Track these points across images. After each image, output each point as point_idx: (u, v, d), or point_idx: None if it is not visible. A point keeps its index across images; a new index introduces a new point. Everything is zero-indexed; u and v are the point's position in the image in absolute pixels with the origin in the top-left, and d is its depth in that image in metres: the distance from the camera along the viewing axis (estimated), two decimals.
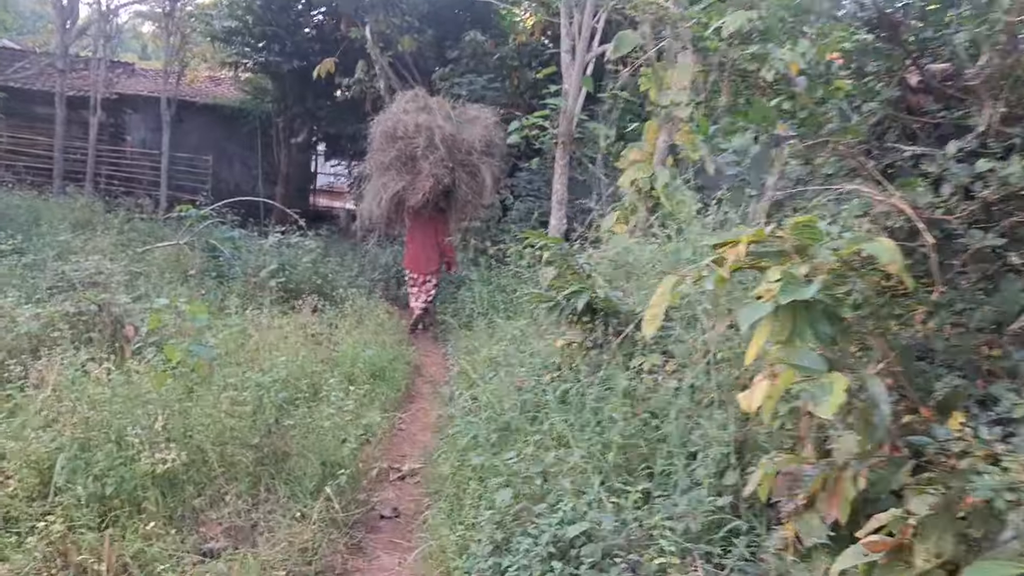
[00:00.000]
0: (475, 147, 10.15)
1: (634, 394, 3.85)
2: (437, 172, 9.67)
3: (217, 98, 20.87)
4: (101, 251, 9.71)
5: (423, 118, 9.90)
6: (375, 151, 10.17)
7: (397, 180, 9.78)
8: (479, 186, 10.29)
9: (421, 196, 9.69)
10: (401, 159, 9.80)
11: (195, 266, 10.18)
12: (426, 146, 9.68)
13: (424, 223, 10.23)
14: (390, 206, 9.87)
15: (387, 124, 10.04)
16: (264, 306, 8.73)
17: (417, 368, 7.92)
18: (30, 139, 20.51)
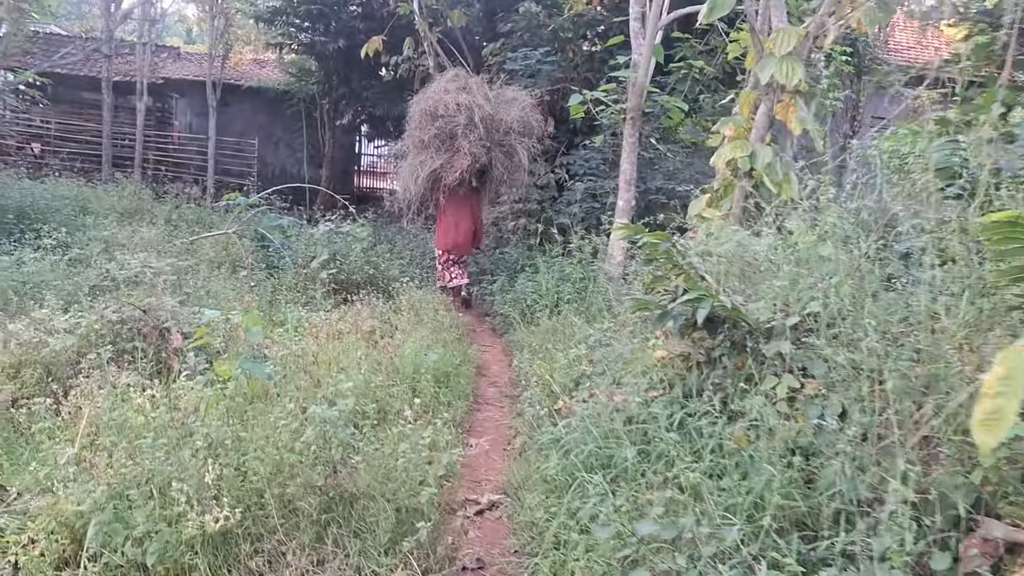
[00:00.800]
0: (512, 128, 10.15)
1: (778, 430, 3.17)
2: (475, 151, 9.73)
3: (262, 81, 20.47)
4: (148, 243, 9.34)
5: (463, 97, 9.92)
6: (413, 129, 10.21)
7: (435, 158, 9.85)
8: (514, 166, 10.32)
9: (458, 174, 9.73)
10: (440, 137, 9.85)
11: (245, 257, 9.76)
12: (466, 125, 9.73)
13: (458, 202, 10.23)
14: (426, 184, 9.95)
15: (427, 103, 10.08)
16: (316, 300, 8.27)
17: (479, 368, 7.33)
18: (79, 125, 20.40)
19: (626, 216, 8.96)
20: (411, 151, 10.20)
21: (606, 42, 12.52)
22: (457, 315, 8.76)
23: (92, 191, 14.08)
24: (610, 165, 11.53)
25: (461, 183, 9.93)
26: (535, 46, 11.97)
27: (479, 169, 10.02)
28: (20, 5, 19.03)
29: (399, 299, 8.37)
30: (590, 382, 4.92)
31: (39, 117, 20.26)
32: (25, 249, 7.85)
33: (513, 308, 8.86)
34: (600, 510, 2.97)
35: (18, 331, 4.42)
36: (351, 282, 8.93)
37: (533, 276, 9.29)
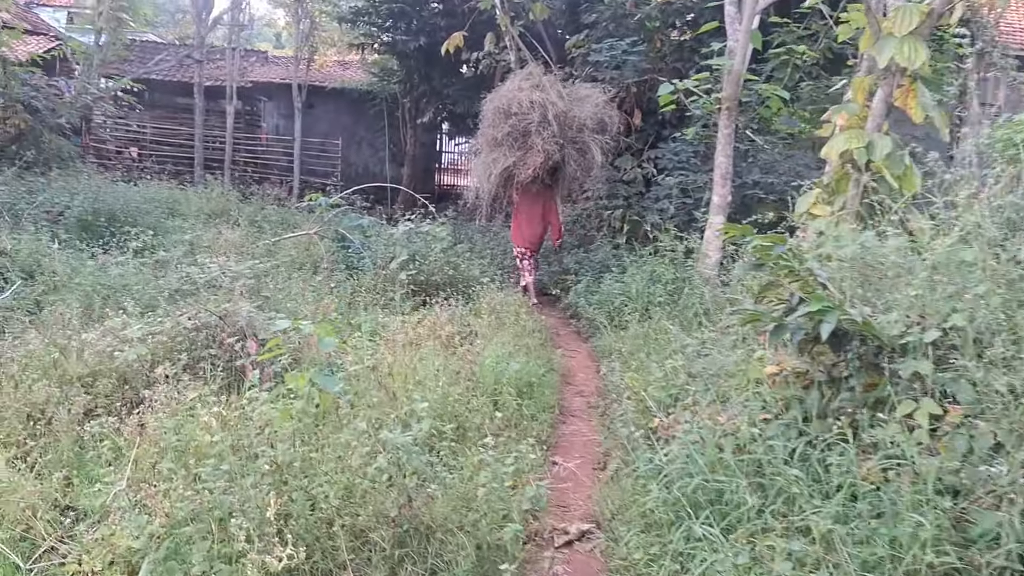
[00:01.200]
0: (586, 124, 10.18)
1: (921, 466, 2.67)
2: (548, 148, 9.73)
3: (345, 82, 20.64)
4: (232, 245, 9.36)
5: (537, 95, 9.96)
6: (487, 127, 10.26)
7: (508, 155, 9.87)
8: (588, 163, 10.31)
9: (531, 171, 9.75)
10: (513, 135, 9.88)
11: (325, 258, 9.68)
12: (539, 122, 9.75)
13: (531, 198, 10.29)
14: (499, 181, 10.04)
15: (500, 101, 10.13)
16: (395, 302, 8.06)
17: (565, 376, 6.94)
18: (172, 129, 21.06)
19: (721, 213, 8.39)
20: (484, 149, 10.27)
21: (697, 30, 11.92)
22: (540, 318, 8.40)
23: (182, 193, 14.39)
24: (701, 158, 10.95)
25: (534, 180, 9.96)
26: (621, 36, 11.48)
27: (552, 166, 10.02)
28: (118, 15, 19.78)
29: (479, 301, 8.08)
30: (690, 398, 4.46)
31: (136, 122, 21.02)
32: (113, 252, 7.94)
33: (599, 311, 8.44)
34: (716, 568, 2.54)
35: (92, 340, 4.31)
36: (430, 283, 8.69)
37: (620, 277, 8.84)
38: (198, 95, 19.75)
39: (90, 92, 16.57)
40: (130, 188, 13.02)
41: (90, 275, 6.65)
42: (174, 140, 20.94)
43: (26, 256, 7.55)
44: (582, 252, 10.58)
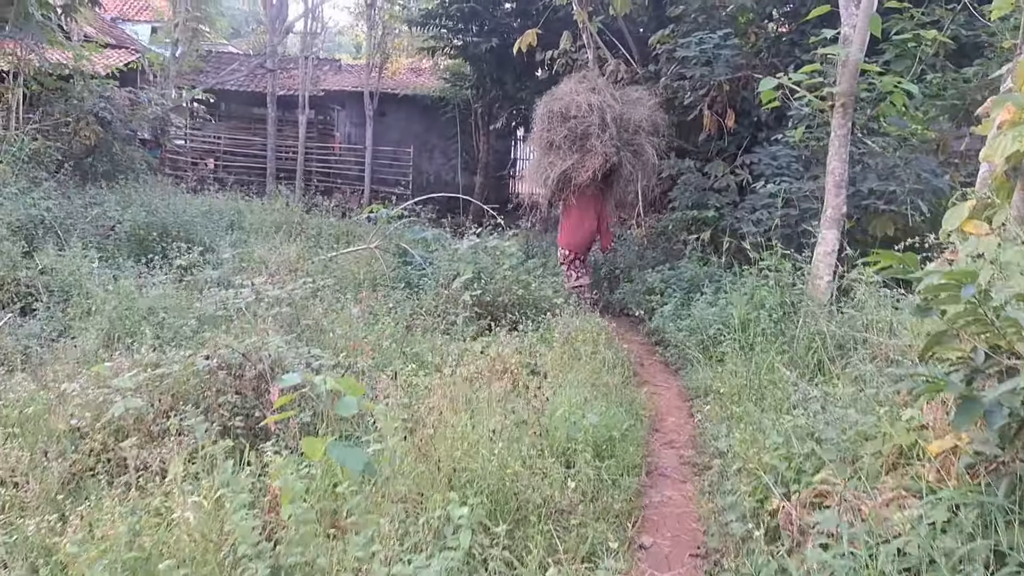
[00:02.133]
0: (641, 127, 10.13)
1: None
2: (607, 150, 9.72)
3: (417, 88, 20.10)
4: (286, 261, 8.71)
5: (595, 98, 9.91)
6: (542, 131, 10.11)
7: (565, 158, 9.81)
8: (643, 165, 10.27)
9: (589, 173, 9.67)
10: (571, 138, 9.82)
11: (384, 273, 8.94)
12: (599, 125, 9.74)
13: (584, 201, 10.08)
14: (556, 184, 9.92)
15: (556, 104, 10.05)
16: (457, 326, 7.22)
17: (651, 419, 5.91)
18: (247, 139, 20.96)
19: (835, 227, 7.21)
20: (538, 152, 10.26)
21: (797, 21, 10.69)
22: (622, 346, 7.39)
23: (246, 205, 14.01)
24: (804, 163, 9.73)
25: (591, 183, 9.86)
26: (711, 30, 10.36)
27: (608, 169, 9.96)
28: (195, 27, 19.79)
29: (551, 326, 7.15)
30: (821, 474, 3.40)
31: (212, 133, 21.03)
32: (156, 271, 7.37)
33: (690, 339, 7.38)
34: None
35: (77, 390, 3.58)
36: (497, 305, 7.81)
37: (714, 299, 7.74)
38: (271, 105, 19.56)
39: (161, 103, 16.43)
40: (192, 200, 12.66)
41: (125, 298, 6.05)
42: (248, 150, 20.83)
43: (67, 275, 7.06)
44: (668, 269, 9.50)
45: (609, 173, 10.10)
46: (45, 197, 8.87)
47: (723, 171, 10.63)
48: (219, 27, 21.95)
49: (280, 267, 8.42)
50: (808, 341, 6.09)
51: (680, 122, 11.20)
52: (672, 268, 9.65)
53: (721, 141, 10.80)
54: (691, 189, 10.43)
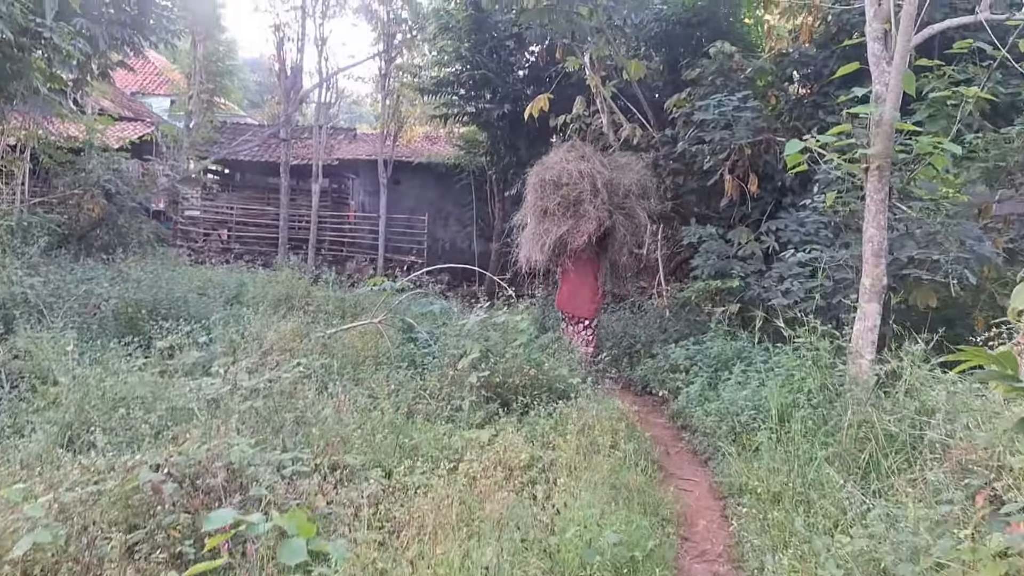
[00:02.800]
0: (631, 191, 10.40)
1: None
2: (600, 215, 10.01)
3: (432, 156, 19.89)
4: (282, 340, 8.16)
5: (584, 165, 10.22)
6: (535, 199, 10.40)
7: (560, 224, 10.07)
8: (636, 227, 10.55)
9: (584, 238, 9.95)
10: (564, 205, 10.09)
11: (389, 351, 8.36)
12: (591, 191, 10.02)
13: (581, 265, 10.40)
14: (554, 250, 10.12)
15: (548, 173, 10.34)
16: (463, 411, 6.58)
17: (679, 523, 5.17)
18: (260, 209, 20.78)
19: (876, 299, 6.55)
20: (532, 220, 10.46)
21: (818, 82, 10.27)
22: (644, 433, 6.69)
23: (250, 276, 13.59)
24: (834, 230, 9.14)
25: (586, 247, 10.15)
26: (729, 92, 9.93)
27: (602, 232, 10.26)
28: (208, 98, 19.86)
29: (567, 412, 6.48)
30: None
31: (225, 203, 20.89)
32: (137, 354, 6.83)
33: (720, 424, 6.67)
34: None
35: None
36: (507, 387, 7.17)
37: (745, 379, 7.06)
38: (284, 174, 19.40)
39: (169, 174, 16.29)
40: (194, 273, 12.27)
41: (95, 387, 5.49)
42: (261, 220, 20.63)
43: (41, 359, 6.54)
44: (693, 343, 8.83)
45: (604, 236, 10.40)
46: (31, 273, 8.44)
47: (747, 238, 10.05)
48: (234, 98, 22.08)
49: (274, 346, 7.86)
50: (855, 432, 5.38)
51: (700, 187, 10.70)
52: (697, 343, 8.97)
53: (744, 207, 10.26)
54: (714, 257, 9.84)
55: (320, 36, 19.13)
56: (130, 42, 14.33)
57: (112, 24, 13.89)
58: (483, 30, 12.84)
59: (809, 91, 10.56)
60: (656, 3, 12.17)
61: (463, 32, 12.79)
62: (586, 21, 10.42)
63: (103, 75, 14.77)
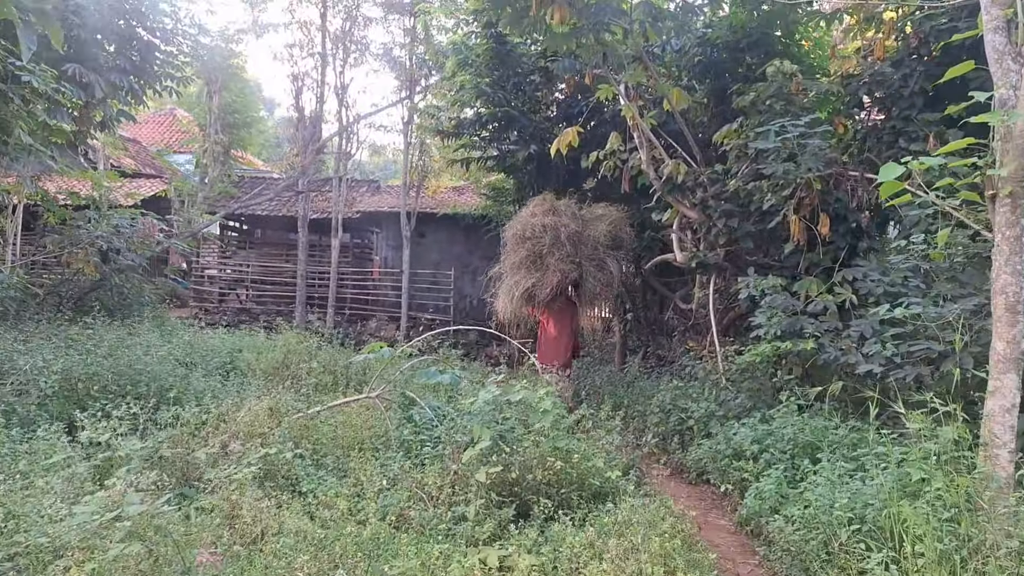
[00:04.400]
0: (600, 241, 10.62)
1: None
2: (563, 267, 10.25)
3: (457, 207, 18.64)
4: (257, 420, 6.72)
5: (549, 219, 10.50)
6: (508, 253, 10.87)
7: (527, 277, 10.40)
8: (607, 277, 10.69)
9: (549, 290, 10.21)
10: (531, 258, 10.44)
11: (387, 433, 6.84)
12: (552, 244, 10.32)
13: (555, 316, 10.58)
14: (521, 301, 10.45)
15: (517, 227, 10.76)
16: (468, 521, 5.02)
17: None
18: (278, 267, 19.67)
19: (1014, 369, 4.88)
20: (508, 273, 10.78)
21: (898, 104, 8.70)
22: (708, 556, 5.01)
23: (251, 340, 12.29)
24: (924, 278, 7.50)
25: (555, 298, 10.37)
26: (792, 118, 8.42)
27: (572, 283, 10.49)
28: (223, 151, 19.01)
29: (604, 522, 4.88)
30: None
31: (243, 261, 19.84)
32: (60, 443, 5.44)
33: (807, 538, 4.97)
34: None
35: None
36: (526, 485, 5.58)
37: (836, 476, 5.37)
38: (302, 229, 18.30)
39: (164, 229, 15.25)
40: (184, 337, 11.01)
41: None
42: (279, 278, 19.50)
43: None
44: (760, 422, 7.14)
45: (575, 288, 10.64)
46: None
47: (817, 290, 8.39)
48: (254, 151, 21.26)
49: (243, 431, 6.42)
50: (1011, 561, 3.71)
51: (757, 231, 9.12)
52: (764, 419, 7.28)
53: (812, 253, 8.62)
54: (779, 313, 8.18)
55: (340, 84, 18.25)
56: (131, 90, 13.42)
57: (111, 71, 13.02)
58: (506, 65, 11.60)
59: (885, 116, 8.99)
60: (699, 27, 10.81)
61: (484, 67, 11.57)
62: (620, 45, 9.05)
63: (103, 126, 13.87)
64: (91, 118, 13.78)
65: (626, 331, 13.03)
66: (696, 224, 9.65)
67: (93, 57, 12.53)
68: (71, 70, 12.08)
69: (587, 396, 10.27)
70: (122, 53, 13.36)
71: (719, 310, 10.35)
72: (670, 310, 11.85)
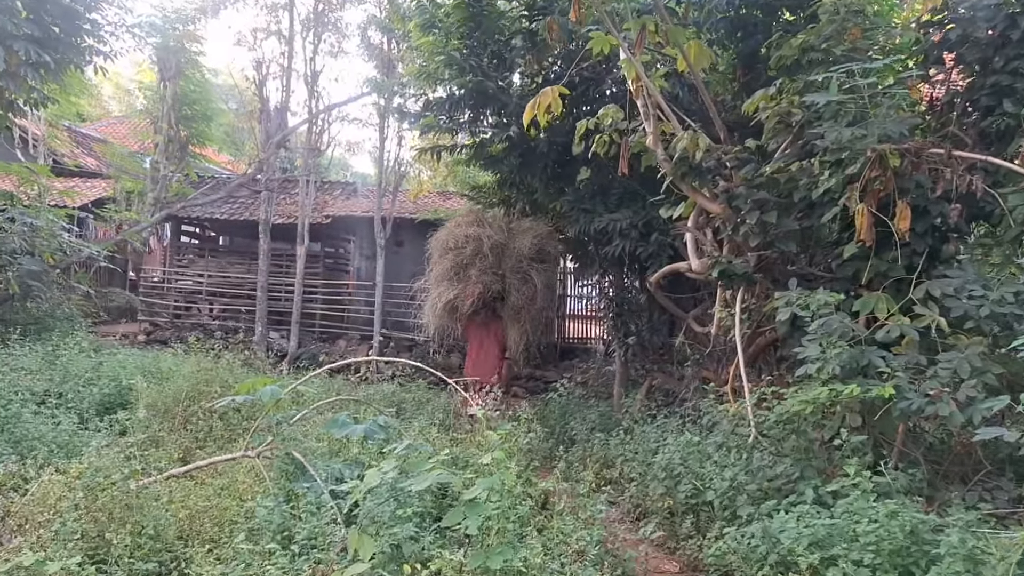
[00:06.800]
0: (525, 254, 10.61)
1: None
2: (485, 279, 10.35)
3: (439, 211, 16.30)
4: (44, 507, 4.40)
5: (473, 230, 10.58)
6: (433, 264, 10.91)
7: (450, 289, 10.44)
8: (531, 291, 10.67)
9: (471, 301, 10.22)
10: (454, 269, 10.51)
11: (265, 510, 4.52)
12: (474, 255, 10.43)
13: (480, 330, 10.58)
14: (443, 313, 10.50)
15: (442, 238, 10.82)
16: None
17: None
18: (239, 277, 17.39)
19: None
20: (432, 284, 10.72)
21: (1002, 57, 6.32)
22: None
23: (173, 360, 10.02)
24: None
25: (477, 311, 10.30)
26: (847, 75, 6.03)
27: (495, 296, 10.39)
28: (182, 148, 16.85)
29: None
30: None
31: (202, 270, 17.58)
32: None
33: None
34: None
35: None
36: None
37: None
38: (263, 235, 16.04)
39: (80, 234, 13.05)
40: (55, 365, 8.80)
41: None
42: (241, 290, 17.21)
43: None
44: (815, 506, 4.72)
45: (500, 301, 10.47)
46: None
47: (888, 310, 5.99)
48: (215, 148, 19.10)
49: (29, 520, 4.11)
50: None
51: (804, 230, 6.77)
52: (821, 501, 4.87)
53: (879, 259, 6.22)
54: (837, 343, 5.75)
55: (311, 71, 16.04)
56: (41, 63, 11.23)
57: (15, 39, 10.84)
58: (482, 27, 9.31)
59: (981, 70, 6.56)
60: None
61: (454, 29, 9.29)
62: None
63: (10, 105, 11.67)
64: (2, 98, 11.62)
65: (627, 358, 10.63)
66: (718, 220, 7.30)
67: None
68: None
69: (566, 449, 7.83)
70: (32, 20, 11.19)
71: (746, 335, 7.92)
72: (682, 333, 9.46)
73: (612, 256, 9.58)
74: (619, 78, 8.83)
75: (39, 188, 14.88)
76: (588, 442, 7.91)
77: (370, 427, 5.25)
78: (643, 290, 10.74)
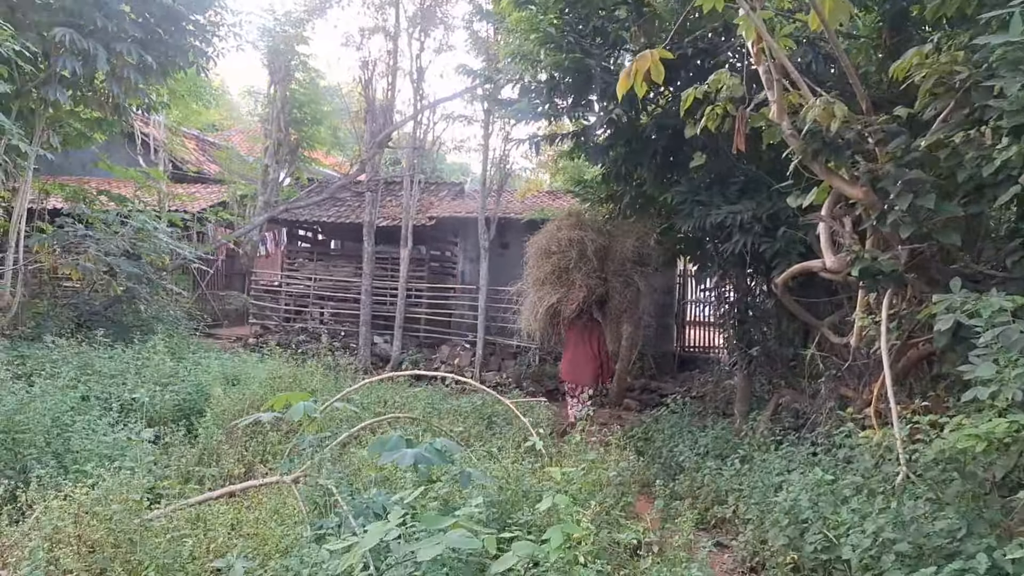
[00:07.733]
0: (628, 257, 10.36)
1: None
2: (590, 283, 10.09)
3: (546, 211, 15.41)
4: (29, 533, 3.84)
5: (575, 233, 10.26)
6: (531, 268, 10.64)
7: (552, 293, 10.13)
8: (633, 295, 10.50)
9: (575, 306, 9.99)
10: (556, 273, 10.21)
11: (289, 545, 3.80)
12: (578, 259, 10.12)
13: (579, 333, 10.32)
14: (546, 318, 10.18)
15: (541, 242, 10.51)
16: None
17: None
18: (347, 281, 17.22)
19: None
20: (531, 289, 10.54)
21: None
22: None
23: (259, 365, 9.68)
24: None
25: (580, 315, 10.15)
26: None
27: (597, 300, 10.29)
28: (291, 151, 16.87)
29: None
30: None
31: (311, 274, 17.55)
32: None
33: None
34: None
35: None
36: None
37: None
38: (367, 236, 15.76)
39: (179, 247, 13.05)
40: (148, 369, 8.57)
41: None
42: (347, 294, 17.02)
43: None
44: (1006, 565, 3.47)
45: (601, 304, 10.36)
46: None
47: None
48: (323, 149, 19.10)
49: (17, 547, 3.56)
50: None
51: (971, 218, 5.39)
52: (1001, 571, 3.60)
53: None
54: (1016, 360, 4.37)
55: (417, 67, 15.62)
56: (145, 65, 11.27)
57: (117, 40, 10.91)
58: (581, 1, 8.38)
59: None
60: None
61: (551, 2, 8.38)
62: None
63: (117, 108, 11.82)
64: (107, 98, 11.79)
65: (750, 372, 9.33)
66: (860, 208, 6.01)
67: (91, 22, 10.44)
68: (59, 36, 10.04)
69: (672, 476, 6.71)
70: (136, 22, 11.25)
71: (894, 347, 6.51)
72: (814, 345, 8.09)
73: (732, 254, 8.36)
74: (738, 46, 7.63)
75: (159, 194, 15.25)
76: (698, 471, 6.75)
77: (421, 452, 4.41)
78: (769, 293, 9.42)
